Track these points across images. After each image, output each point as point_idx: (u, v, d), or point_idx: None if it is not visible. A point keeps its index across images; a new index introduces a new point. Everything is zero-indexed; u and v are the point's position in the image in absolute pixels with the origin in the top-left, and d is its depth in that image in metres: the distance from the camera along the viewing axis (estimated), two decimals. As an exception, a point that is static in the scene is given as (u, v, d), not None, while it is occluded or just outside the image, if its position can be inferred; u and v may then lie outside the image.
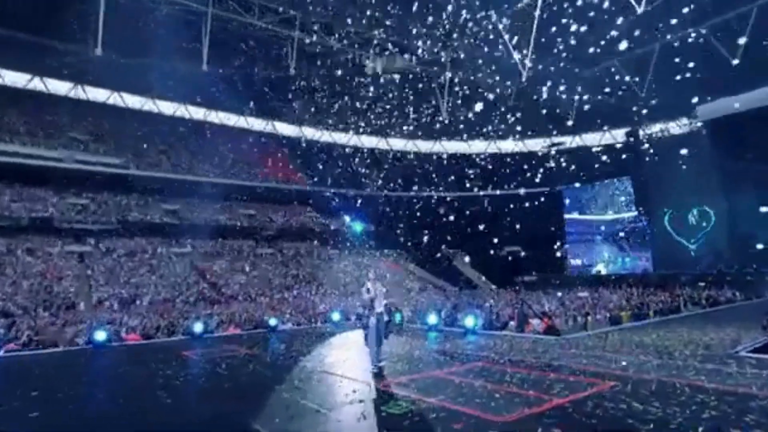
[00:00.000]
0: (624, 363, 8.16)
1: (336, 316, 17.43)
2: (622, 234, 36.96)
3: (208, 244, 30.89)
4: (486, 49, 27.99)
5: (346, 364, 8.79)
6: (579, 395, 5.99)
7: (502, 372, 7.62)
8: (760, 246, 26.74)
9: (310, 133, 41.71)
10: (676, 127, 34.28)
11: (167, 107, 36.48)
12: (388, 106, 34.21)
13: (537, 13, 24.20)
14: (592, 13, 21.17)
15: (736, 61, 24.40)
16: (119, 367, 9.61)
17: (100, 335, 11.88)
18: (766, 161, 26.09)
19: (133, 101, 35.06)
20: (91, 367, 9.98)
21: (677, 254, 30.90)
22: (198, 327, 13.65)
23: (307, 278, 30.15)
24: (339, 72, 29.82)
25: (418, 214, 37.28)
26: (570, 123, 33.39)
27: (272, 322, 15.65)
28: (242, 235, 33.42)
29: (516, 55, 27.01)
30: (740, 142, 27.71)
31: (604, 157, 33.01)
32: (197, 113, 37.62)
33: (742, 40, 23.43)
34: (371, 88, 30.49)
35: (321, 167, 38.25)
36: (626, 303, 18.25)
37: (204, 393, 7.09)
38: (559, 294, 22.41)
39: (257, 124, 40.25)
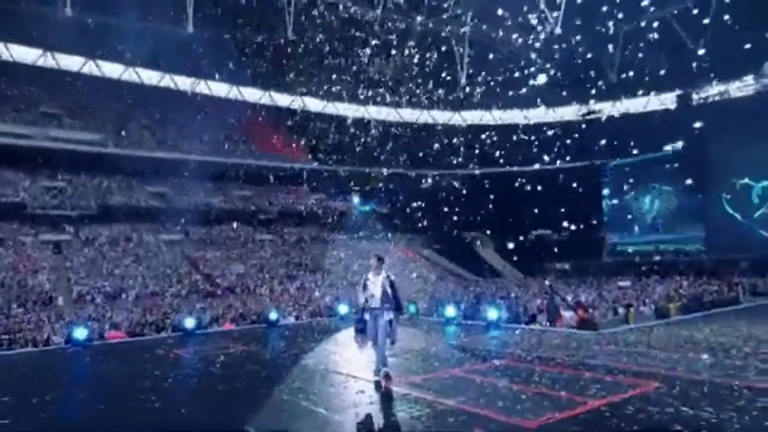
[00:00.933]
0: (671, 361, 8.04)
1: (343, 309, 17.48)
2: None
3: (200, 230, 31.17)
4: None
5: (353, 362, 8.79)
6: (618, 397, 5.92)
7: (529, 371, 7.56)
8: None
9: (312, 104, 41.50)
10: (738, 88, 33.26)
11: (150, 77, 36.31)
12: (400, 73, 33.91)
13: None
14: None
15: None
16: (101, 367, 9.73)
17: (81, 333, 12.05)
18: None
19: (111, 70, 34.79)
20: (70, 368, 10.14)
21: (736, 236, 30.26)
22: (189, 323, 13.79)
23: (311, 267, 30.35)
24: (344, 34, 29.40)
25: (435, 193, 37.13)
26: (610, 87, 32.70)
27: (272, 316, 15.78)
28: (238, 219, 33.66)
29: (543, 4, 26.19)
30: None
31: (651, 126, 32.39)
32: (184, 83, 37.43)
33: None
34: (381, 52, 30.13)
35: (326, 143, 38.20)
36: (675, 293, 18.08)
37: (196, 395, 7.15)
38: (597, 283, 22.27)
39: (252, 95, 40.05)
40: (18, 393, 7.34)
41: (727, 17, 24.97)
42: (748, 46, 24.54)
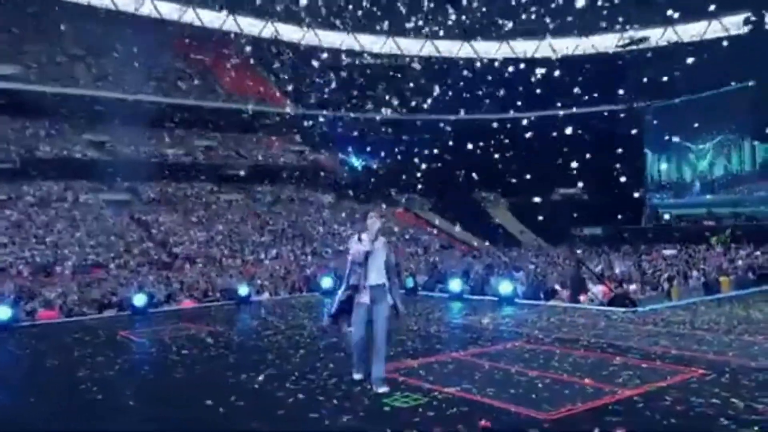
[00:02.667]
0: (721, 345, 8.20)
1: (327, 282, 17.54)
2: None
3: (152, 188, 31.03)
4: None
5: (338, 344, 8.89)
6: (654, 386, 6.03)
7: (548, 354, 7.70)
8: None
9: (288, 32, 40.70)
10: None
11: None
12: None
13: None
14: None
15: None
16: (30, 353, 9.71)
17: (3, 313, 12.02)
18: None
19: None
20: None
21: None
22: (139, 300, 13.78)
23: (289, 233, 30.41)
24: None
25: (440, 145, 36.89)
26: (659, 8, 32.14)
27: (242, 291, 15.75)
28: (200, 175, 33.46)
29: None
30: None
31: (710, 58, 31.98)
32: (125, 3, 36.46)
33: None
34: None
35: (306, 82, 37.66)
36: (729, 264, 18.26)
37: (148, 385, 7.14)
38: (635, 252, 22.47)
39: (212, 18, 39.10)
40: None
41: None
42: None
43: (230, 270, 22.96)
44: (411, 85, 39.61)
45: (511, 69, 39.14)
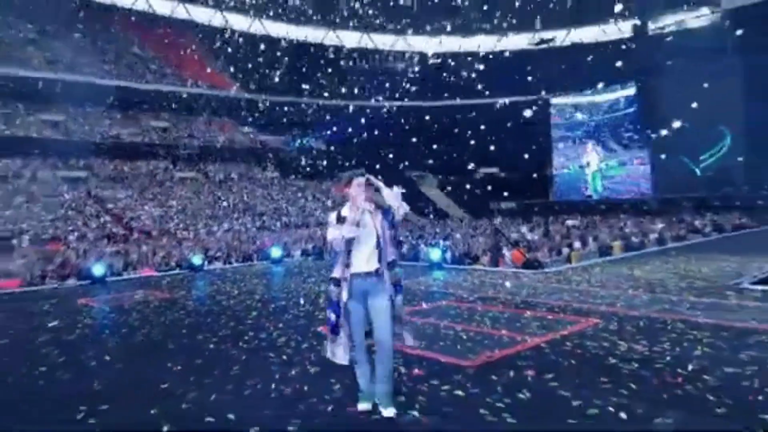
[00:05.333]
0: (611, 298, 8.67)
1: (276, 252, 17.59)
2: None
3: (108, 166, 29.74)
4: None
5: (290, 305, 8.92)
6: (558, 334, 6.36)
7: (471, 311, 7.96)
8: None
9: (237, 21, 39.46)
10: (695, 19, 34.51)
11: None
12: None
13: None
14: None
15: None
16: None
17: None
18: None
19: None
20: None
21: (682, 176, 32.21)
22: (99, 269, 13.38)
23: (239, 208, 29.88)
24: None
25: (377, 128, 36.88)
26: (565, 13, 33.02)
27: (196, 260, 15.65)
28: (155, 154, 32.31)
29: None
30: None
31: (604, 58, 33.07)
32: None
33: None
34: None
35: (254, 68, 36.73)
36: (619, 231, 19.25)
37: (108, 347, 6.86)
38: (544, 223, 23.27)
39: (163, 6, 37.43)
40: None
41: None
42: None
43: (184, 242, 22.43)
44: (352, 74, 39.39)
45: (440, 62, 39.54)
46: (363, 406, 3.94)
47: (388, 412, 3.78)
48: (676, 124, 23.84)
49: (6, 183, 25.44)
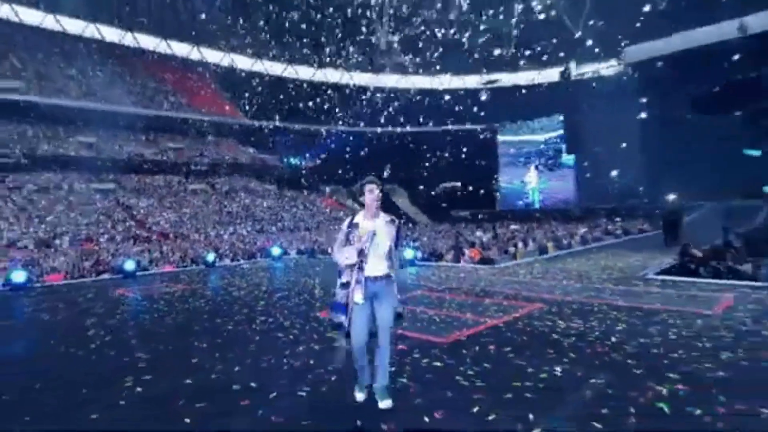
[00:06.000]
0: (550, 287, 8.82)
1: (276, 251, 17.43)
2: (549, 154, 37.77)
3: (133, 179, 29.04)
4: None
5: (291, 294, 8.88)
6: (511, 316, 6.47)
7: (440, 299, 8.00)
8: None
9: (241, 62, 39.01)
10: (606, 68, 35.52)
11: (73, 25, 32.21)
12: (324, 35, 32.66)
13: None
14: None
15: (659, 7, 25.30)
16: (44, 308, 8.96)
17: (19, 276, 11.05)
18: (678, 106, 28.04)
19: (30, 16, 30.49)
20: (12, 309, 9.32)
21: (600, 189, 32.99)
22: (130, 265, 13.06)
23: (243, 215, 29.47)
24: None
25: (358, 150, 36.97)
26: (506, 60, 33.62)
27: (209, 258, 15.38)
28: (171, 170, 31.66)
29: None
30: (658, 84, 29.32)
31: (537, 96, 33.80)
32: (111, 34, 33.56)
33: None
34: (309, 15, 28.80)
35: (255, 99, 36.40)
36: (552, 234, 19.58)
37: (143, 329, 6.78)
38: (493, 227, 23.54)
39: (181, 49, 36.82)
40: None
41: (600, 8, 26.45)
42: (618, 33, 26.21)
43: (197, 243, 22.06)
44: (334, 105, 39.27)
45: (409, 96, 39.79)
46: (359, 396, 3.66)
47: (385, 404, 3.50)
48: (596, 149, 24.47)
49: (48, 194, 24.66)
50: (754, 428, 3.17)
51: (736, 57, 25.94)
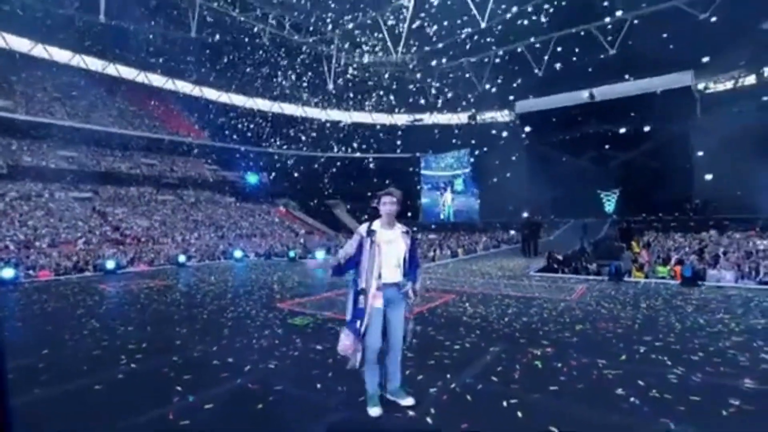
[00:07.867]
0: (461, 282, 9.26)
1: (238, 254, 16.88)
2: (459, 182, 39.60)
3: (109, 190, 26.71)
4: (367, 38, 27.76)
5: (254, 289, 8.75)
6: (432, 305, 6.76)
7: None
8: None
9: (210, 93, 37.45)
10: (502, 116, 37.83)
11: (60, 55, 29.36)
12: (282, 75, 32.30)
13: (408, 12, 24.32)
14: (446, 23, 22.70)
15: (539, 75, 27.71)
16: (35, 301, 8.14)
17: (8, 272, 9.91)
18: (550, 148, 30.76)
19: (20, 44, 27.50)
20: (6, 302, 8.36)
21: (497, 207, 34.70)
22: (110, 264, 12.14)
23: (207, 222, 28.05)
24: (240, 39, 26.92)
25: (308, 169, 36.62)
26: (427, 104, 34.99)
27: (180, 258, 14.63)
28: (144, 182, 29.47)
29: (390, 45, 27.18)
30: (536, 130, 31.90)
31: (451, 133, 35.36)
32: (94, 64, 30.90)
33: (545, 57, 26.77)
34: (269, 57, 28.37)
35: (219, 124, 35.08)
36: (461, 241, 20.47)
37: (128, 318, 6.39)
38: (416, 235, 24.17)
39: (157, 80, 34.68)
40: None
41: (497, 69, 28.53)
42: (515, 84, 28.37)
43: (165, 246, 20.73)
44: (288, 131, 38.68)
45: (349, 128, 40.16)
46: (374, 411, 2.96)
47: (407, 401, 3.07)
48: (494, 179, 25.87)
49: (30, 201, 22.09)
50: (592, 372, 3.72)
51: (586, 115, 29.29)
